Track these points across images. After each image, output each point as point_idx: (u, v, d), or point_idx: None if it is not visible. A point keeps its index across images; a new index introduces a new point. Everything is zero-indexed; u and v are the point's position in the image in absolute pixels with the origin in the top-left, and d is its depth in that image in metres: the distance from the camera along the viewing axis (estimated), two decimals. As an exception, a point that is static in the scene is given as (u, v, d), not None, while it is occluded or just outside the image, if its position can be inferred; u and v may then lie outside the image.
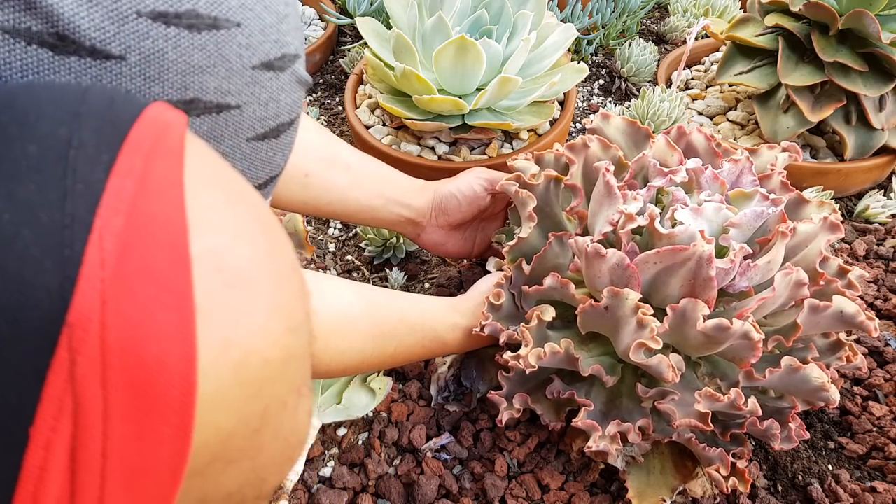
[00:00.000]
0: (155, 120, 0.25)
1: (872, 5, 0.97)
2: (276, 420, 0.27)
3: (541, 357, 0.61)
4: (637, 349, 0.56)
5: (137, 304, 0.22)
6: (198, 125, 0.33)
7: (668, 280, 0.58)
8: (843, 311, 0.59)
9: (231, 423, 0.25)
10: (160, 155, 0.24)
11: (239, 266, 0.25)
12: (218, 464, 0.25)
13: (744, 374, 0.60)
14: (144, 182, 0.23)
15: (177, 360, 0.22)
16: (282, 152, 0.40)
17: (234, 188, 0.27)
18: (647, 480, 0.69)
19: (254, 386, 0.25)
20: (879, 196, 1.11)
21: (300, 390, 0.29)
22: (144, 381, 0.22)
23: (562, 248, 0.68)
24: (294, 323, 0.27)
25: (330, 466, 0.75)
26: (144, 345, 0.22)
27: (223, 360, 0.23)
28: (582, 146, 0.70)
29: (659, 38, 1.54)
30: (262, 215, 0.28)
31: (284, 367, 0.26)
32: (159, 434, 0.22)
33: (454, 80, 0.95)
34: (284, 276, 0.27)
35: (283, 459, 0.30)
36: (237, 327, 0.24)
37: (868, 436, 0.78)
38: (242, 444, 0.26)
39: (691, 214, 0.59)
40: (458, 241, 0.84)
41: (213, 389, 0.23)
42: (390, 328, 0.65)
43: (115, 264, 0.21)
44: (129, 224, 0.22)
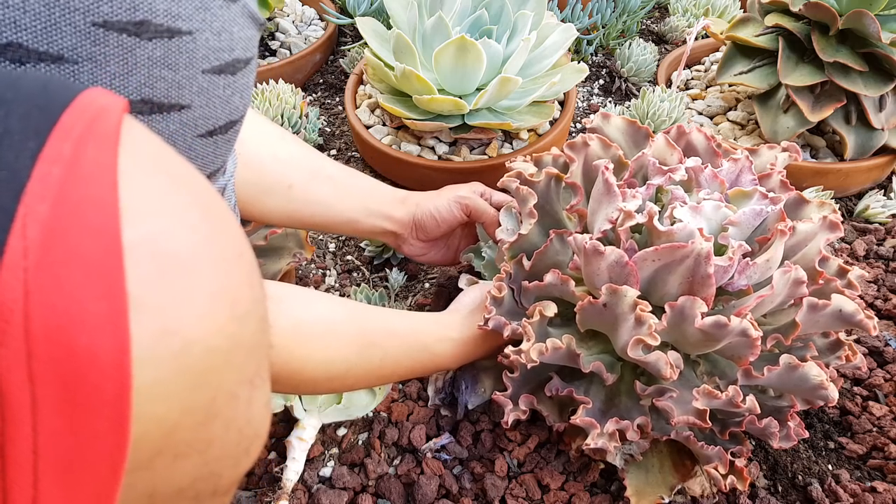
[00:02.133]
0: (89, 105, 0.24)
1: (872, 5, 0.97)
2: (227, 412, 0.26)
3: (542, 352, 0.61)
4: (635, 346, 0.56)
5: (64, 294, 0.21)
6: (151, 49, 0.32)
7: (666, 278, 0.58)
8: (842, 310, 0.59)
9: (174, 414, 0.24)
10: (92, 140, 0.23)
11: (176, 252, 0.24)
12: (164, 458, 0.24)
13: (742, 372, 0.60)
14: (74, 168, 0.22)
15: (108, 349, 0.21)
16: (239, 94, 0.38)
17: (174, 172, 0.26)
18: (645, 479, 0.69)
19: (197, 376, 0.24)
20: (879, 196, 1.11)
21: (252, 381, 0.28)
22: (75, 373, 0.21)
23: (562, 245, 0.69)
24: (240, 310, 0.26)
25: (330, 466, 0.75)
26: (73, 335, 0.21)
27: (161, 349, 0.23)
28: (582, 145, 0.70)
29: (659, 38, 1.54)
30: (206, 199, 0.27)
31: (231, 355, 0.25)
32: (95, 427, 0.22)
33: (454, 80, 0.95)
34: (228, 261, 0.26)
35: (239, 452, 0.29)
36: (175, 315, 0.23)
37: (868, 436, 0.78)
38: (189, 437, 0.25)
39: (690, 212, 0.59)
40: (440, 250, 0.87)
41: (151, 380, 0.22)
42: (375, 337, 0.64)
43: (39, 253, 0.21)
44: (54, 211, 0.21)
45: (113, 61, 0.31)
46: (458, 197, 0.81)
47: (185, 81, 0.34)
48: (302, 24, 1.48)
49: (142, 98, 0.32)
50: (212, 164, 0.40)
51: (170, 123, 0.34)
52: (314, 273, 0.99)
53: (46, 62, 0.29)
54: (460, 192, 0.81)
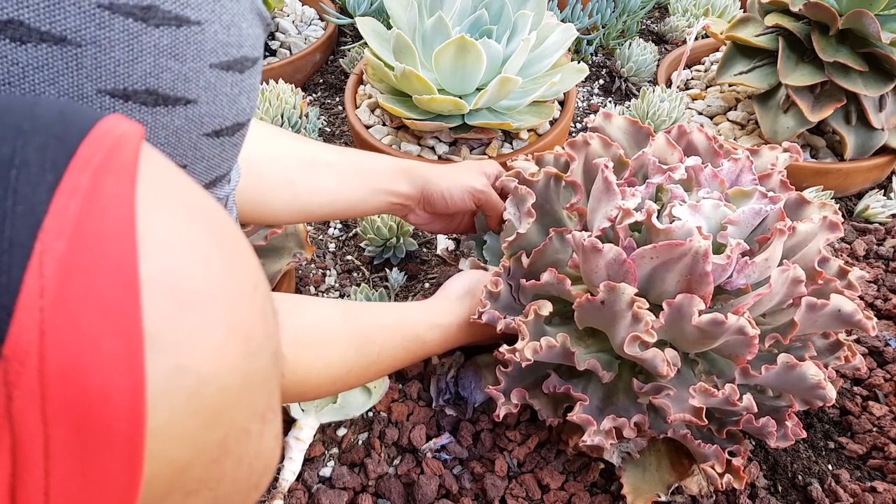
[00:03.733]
0: (107, 134, 0.23)
1: (872, 5, 0.97)
2: (238, 448, 0.26)
3: (537, 350, 0.61)
4: (632, 342, 0.56)
5: (80, 333, 0.20)
6: (157, 37, 0.31)
7: (664, 275, 0.58)
8: (841, 310, 0.59)
9: (186, 453, 0.23)
10: (110, 171, 0.22)
11: (192, 288, 0.23)
12: (175, 496, 0.24)
13: (740, 370, 0.60)
14: (91, 201, 0.22)
15: (123, 390, 0.21)
16: (247, 94, 0.37)
17: (191, 204, 0.26)
18: (642, 477, 0.69)
19: (210, 414, 0.24)
20: (879, 196, 1.11)
21: (264, 416, 0.27)
22: (88, 415, 0.20)
23: (562, 243, 0.69)
24: (254, 346, 0.26)
25: (330, 466, 0.75)
26: (87, 376, 0.20)
27: (175, 388, 0.22)
28: (583, 143, 0.70)
29: (659, 38, 1.54)
30: (222, 231, 0.26)
31: (244, 392, 0.25)
32: (107, 469, 0.21)
33: (454, 80, 0.95)
34: (243, 295, 0.26)
35: (249, 487, 0.28)
36: (190, 353, 0.23)
37: (868, 436, 0.78)
38: (201, 475, 0.24)
39: (689, 211, 0.59)
40: (443, 222, 0.86)
41: (165, 420, 0.22)
42: (370, 333, 0.64)
43: (55, 291, 0.20)
44: (72, 248, 0.21)
45: (118, 47, 0.30)
46: (475, 190, 0.80)
47: (192, 74, 0.33)
48: (302, 24, 1.48)
49: (147, 88, 0.31)
50: (218, 167, 0.39)
51: (175, 118, 0.33)
52: (314, 273, 0.99)
53: (48, 43, 0.28)
54: (477, 186, 0.80)
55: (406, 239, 0.98)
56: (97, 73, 0.30)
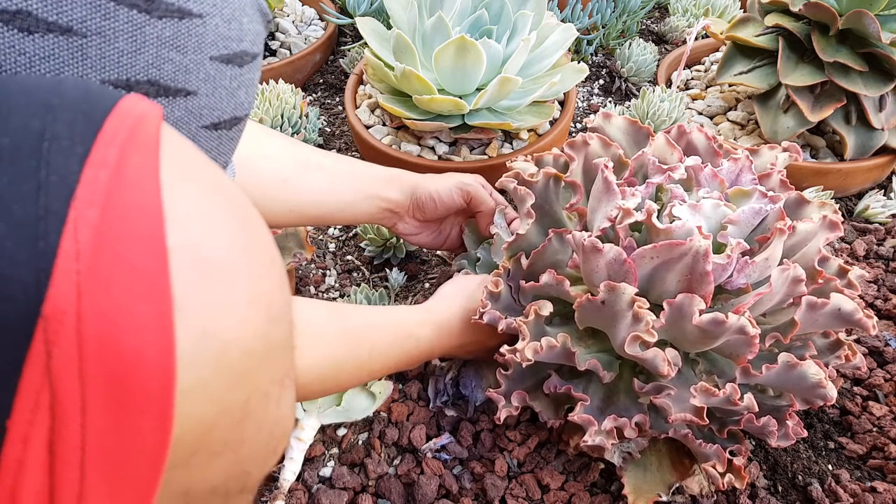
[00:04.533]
0: (129, 111, 0.24)
1: (872, 5, 0.97)
2: (259, 411, 0.27)
3: (537, 351, 0.61)
4: (632, 342, 0.56)
5: (114, 296, 0.21)
6: (160, 28, 0.31)
7: (664, 275, 0.58)
8: (841, 309, 0.59)
9: (213, 414, 0.25)
10: (135, 146, 0.24)
11: (217, 257, 0.25)
12: (201, 456, 0.25)
13: (741, 370, 0.60)
14: (119, 173, 0.23)
15: (155, 351, 0.22)
16: (245, 89, 0.38)
17: (211, 180, 0.27)
18: (643, 477, 0.69)
19: (235, 376, 0.25)
20: (879, 196, 1.11)
21: (282, 381, 0.29)
22: (122, 374, 0.21)
23: (561, 244, 0.69)
24: (274, 312, 0.27)
25: (330, 466, 0.75)
26: (122, 337, 0.21)
27: (203, 350, 0.23)
28: (582, 144, 0.70)
29: (659, 38, 1.54)
30: (241, 207, 0.28)
31: (265, 357, 0.26)
32: (139, 426, 0.22)
33: (454, 80, 0.95)
34: (264, 266, 0.27)
35: (268, 451, 0.29)
36: (216, 318, 0.24)
37: (868, 436, 0.78)
38: (225, 436, 0.26)
39: (689, 211, 0.59)
40: (432, 234, 0.87)
41: (193, 380, 0.23)
42: (359, 331, 0.65)
43: (90, 256, 0.21)
44: (104, 215, 0.22)
45: (122, 37, 0.30)
46: (460, 183, 0.81)
47: (192, 66, 0.33)
48: (302, 24, 1.48)
49: (148, 79, 0.32)
50: (216, 160, 0.39)
51: (175, 109, 0.34)
52: (314, 273, 0.99)
53: (55, 33, 0.29)
54: (463, 179, 0.82)
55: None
56: (101, 63, 0.30)
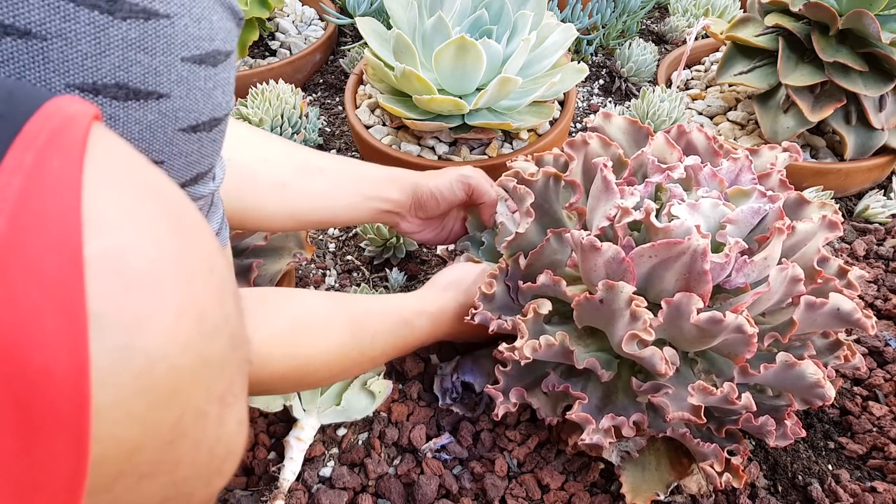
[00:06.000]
0: (55, 113, 0.23)
1: (872, 5, 0.97)
2: (196, 431, 0.25)
3: (536, 349, 0.61)
4: (630, 341, 0.56)
5: (19, 310, 0.20)
6: (125, 30, 0.31)
7: (663, 274, 0.58)
8: (840, 309, 0.59)
9: (136, 435, 0.23)
10: (56, 150, 0.22)
11: (141, 266, 0.23)
12: (127, 479, 0.24)
13: (739, 369, 0.60)
14: (34, 179, 0.21)
15: (65, 368, 0.21)
16: (221, 89, 0.37)
17: (144, 185, 0.25)
18: (641, 476, 0.69)
19: (161, 394, 0.23)
20: (879, 196, 1.11)
21: (223, 398, 0.27)
22: (29, 393, 0.20)
23: (560, 244, 0.69)
24: (208, 326, 0.25)
25: (330, 466, 0.75)
26: (27, 353, 0.20)
27: (122, 368, 0.22)
28: (582, 143, 0.70)
29: (659, 38, 1.54)
30: (176, 212, 0.26)
31: (198, 373, 0.25)
32: (51, 449, 0.21)
33: (454, 80, 0.95)
34: (197, 275, 0.25)
35: (210, 472, 0.28)
36: (138, 331, 0.22)
37: (868, 436, 0.78)
38: (154, 458, 0.24)
39: (688, 210, 0.59)
40: (434, 230, 0.87)
41: (112, 400, 0.22)
42: (362, 318, 0.65)
43: None
44: (11, 225, 0.21)
45: (84, 40, 0.30)
46: (461, 175, 0.81)
47: (162, 68, 0.33)
48: (302, 24, 1.48)
49: (116, 82, 0.31)
50: (198, 164, 0.39)
51: (148, 113, 0.33)
52: (314, 273, 0.99)
53: (13, 36, 0.28)
54: (463, 171, 0.81)
55: (406, 239, 0.98)
56: (64, 66, 0.30)
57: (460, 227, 0.87)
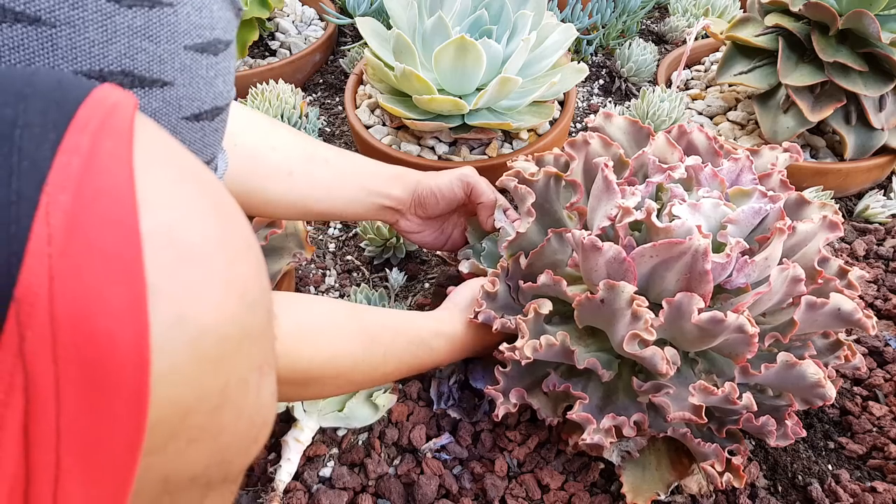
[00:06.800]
0: (102, 100, 0.25)
1: (872, 5, 0.97)
2: (238, 398, 0.27)
3: (536, 349, 0.61)
4: (631, 340, 0.56)
5: (86, 280, 0.22)
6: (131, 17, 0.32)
7: (664, 274, 0.58)
8: (841, 309, 0.59)
9: (189, 399, 0.25)
10: (108, 133, 0.24)
11: (191, 242, 0.25)
12: (178, 442, 0.25)
13: (739, 369, 0.60)
14: (92, 159, 0.23)
15: (128, 335, 0.22)
16: (223, 77, 0.38)
17: (186, 167, 0.27)
18: (642, 476, 0.69)
19: (211, 362, 0.25)
20: (879, 196, 1.11)
21: (262, 368, 0.29)
22: (96, 357, 0.22)
23: (560, 244, 0.69)
24: (250, 298, 0.27)
25: (330, 466, 0.75)
26: (95, 320, 0.22)
27: (177, 335, 0.23)
28: (582, 143, 0.70)
29: (659, 38, 1.54)
30: (216, 194, 0.28)
31: (242, 342, 0.26)
32: (114, 409, 0.22)
33: (454, 80, 0.95)
34: (239, 252, 0.27)
35: (248, 440, 0.29)
36: (191, 302, 0.24)
37: (868, 436, 0.78)
38: (203, 422, 0.26)
39: (689, 210, 0.59)
40: (433, 232, 0.87)
41: (168, 365, 0.23)
42: (375, 332, 0.64)
43: (62, 240, 0.21)
44: (76, 200, 0.22)
45: (92, 27, 0.30)
46: (460, 175, 0.81)
47: (167, 56, 0.33)
48: (302, 24, 1.48)
49: (122, 69, 0.32)
50: (201, 153, 0.40)
51: (152, 100, 0.34)
52: (314, 273, 0.99)
53: (23, 23, 0.29)
54: (462, 171, 0.81)
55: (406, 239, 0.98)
56: (72, 53, 0.30)
57: (460, 235, 0.87)
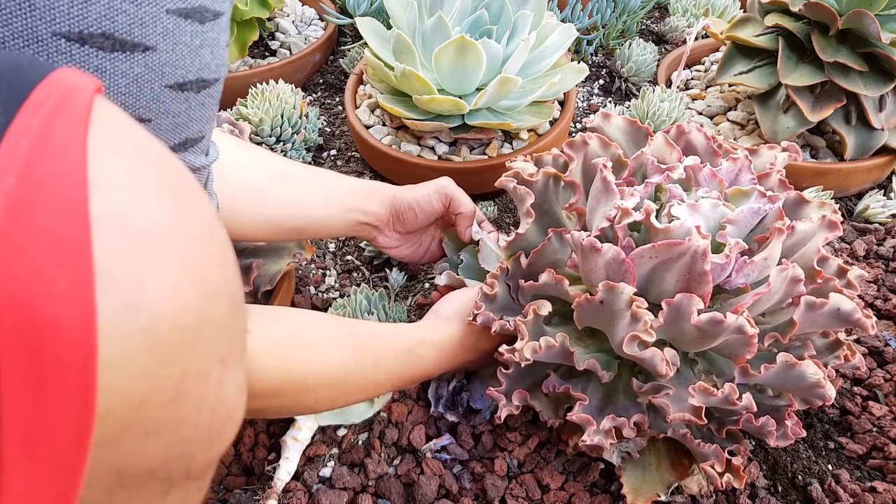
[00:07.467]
0: (60, 82, 0.24)
1: (872, 5, 0.97)
2: (198, 390, 0.26)
3: (536, 350, 0.61)
4: (631, 342, 0.56)
5: (28, 264, 0.21)
6: None
7: (663, 275, 0.58)
8: (840, 309, 0.59)
9: (141, 390, 0.24)
10: (62, 116, 0.23)
11: (145, 226, 0.24)
12: (132, 435, 0.24)
13: (739, 370, 0.60)
14: (42, 142, 0.22)
15: (73, 321, 0.21)
16: (210, 48, 0.37)
17: (145, 152, 0.26)
18: (642, 476, 0.69)
19: (165, 351, 0.24)
20: (879, 196, 1.11)
21: (224, 361, 0.28)
22: (38, 343, 0.21)
23: (561, 244, 0.69)
24: (210, 287, 0.26)
25: (330, 466, 0.75)
26: (36, 305, 0.21)
27: (128, 322, 0.23)
28: (581, 143, 0.70)
29: (659, 38, 1.54)
30: (176, 179, 0.27)
31: (200, 333, 0.25)
32: (59, 399, 0.22)
33: (454, 80, 0.95)
34: (198, 239, 0.26)
35: (211, 434, 0.29)
36: (143, 289, 0.23)
37: (868, 436, 0.78)
38: (158, 415, 0.25)
39: (688, 210, 0.59)
40: (411, 246, 0.87)
41: (118, 353, 0.23)
42: (364, 340, 0.64)
43: (3, 222, 0.21)
44: (21, 183, 0.21)
45: None
46: (438, 186, 0.81)
47: (148, 18, 0.33)
48: (302, 24, 1.48)
49: (102, 32, 0.32)
50: (186, 127, 0.39)
51: (134, 65, 0.34)
52: (314, 273, 0.99)
53: None
54: (440, 182, 0.81)
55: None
56: (51, 14, 0.30)
57: (437, 247, 0.87)
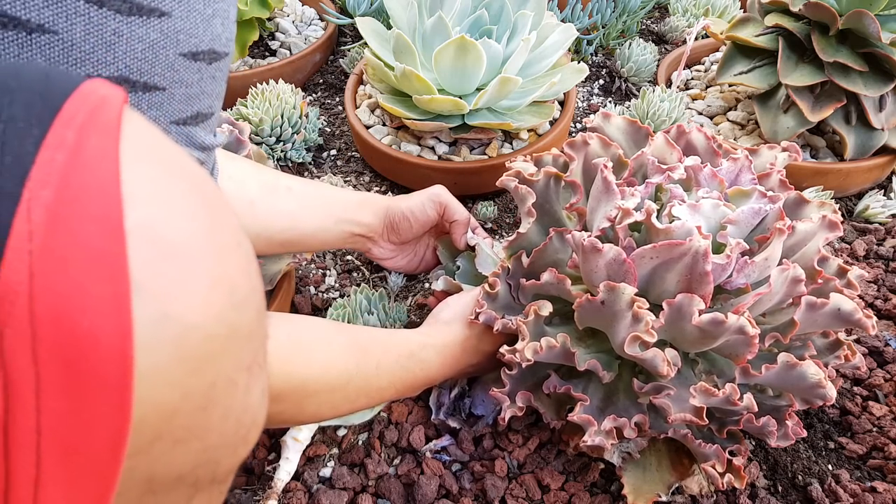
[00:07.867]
0: (90, 94, 0.24)
1: (872, 5, 0.97)
2: (225, 398, 0.27)
3: (537, 351, 0.61)
4: (632, 342, 0.56)
5: (68, 277, 0.21)
6: None
7: (664, 275, 0.58)
8: (841, 309, 0.59)
9: (174, 399, 0.24)
10: (94, 128, 0.23)
11: (177, 239, 0.24)
12: (163, 443, 0.25)
13: (740, 370, 0.60)
14: (77, 155, 0.23)
15: (111, 333, 0.22)
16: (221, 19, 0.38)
17: (174, 163, 0.27)
18: (643, 477, 0.69)
19: (196, 361, 0.24)
20: (879, 196, 1.11)
21: (250, 369, 0.28)
22: (77, 355, 0.21)
23: (562, 243, 0.69)
24: (238, 298, 0.26)
25: (330, 466, 0.75)
26: (76, 318, 0.21)
27: (162, 334, 0.23)
28: (582, 143, 0.70)
29: (659, 38, 1.54)
30: (205, 190, 0.27)
31: (229, 342, 0.26)
32: (96, 410, 0.22)
33: (454, 80, 0.95)
34: (226, 249, 0.27)
35: (237, 440, 0.29)
36: (176, 301, 0.24)
37: (868, 436, 0.78)
38: (189, 423, 0.25)
39: (688, 210, 0.59)
40: (406, 256, 0.87)
41: (152, 364, 0.23)
42: (365, 344, 0.64)
43: (43, 237, 0.21)
44: (58, 196, 0.22)
45: None
46: (432, 195, 0.80)
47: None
48: (302, 24, 1.48)
49: None
50: (198, 99, 0.39)
51: (150, 31, 0.34)
52: (314, 273, 0.99)
53: None
54: (434, 190, 0.81)
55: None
56: None
57: (432, 255, 0.87)
